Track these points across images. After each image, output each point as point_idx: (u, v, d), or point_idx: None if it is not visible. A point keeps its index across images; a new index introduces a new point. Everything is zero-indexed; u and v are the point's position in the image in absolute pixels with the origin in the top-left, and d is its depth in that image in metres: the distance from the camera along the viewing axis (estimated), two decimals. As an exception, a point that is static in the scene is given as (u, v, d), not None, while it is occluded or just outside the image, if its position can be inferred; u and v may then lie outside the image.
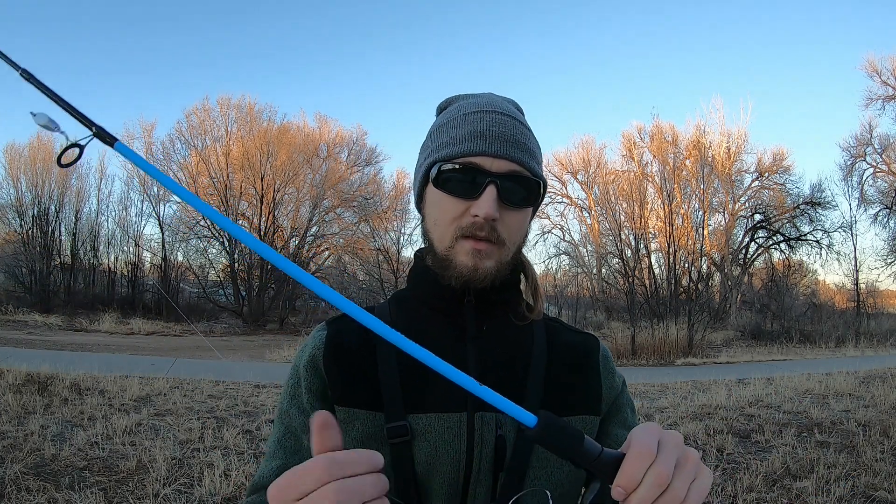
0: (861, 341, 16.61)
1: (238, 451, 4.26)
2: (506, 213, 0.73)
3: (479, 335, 0.77)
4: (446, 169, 0.74)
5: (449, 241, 0.74)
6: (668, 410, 6.06)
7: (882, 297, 23.76)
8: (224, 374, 7.67)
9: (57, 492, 3.29)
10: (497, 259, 0.74)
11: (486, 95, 0.82)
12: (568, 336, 0.85)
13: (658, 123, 23.62)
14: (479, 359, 0.76)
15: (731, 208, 23.80)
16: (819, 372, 8.67)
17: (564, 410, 0.76)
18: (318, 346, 0.78)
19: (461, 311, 0.77)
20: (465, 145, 0.73)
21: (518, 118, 0.78)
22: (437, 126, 0.81)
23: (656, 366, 12.37)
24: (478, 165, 0.72)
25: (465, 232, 0.72)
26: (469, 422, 0.71)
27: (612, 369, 0.85)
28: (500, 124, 0.75)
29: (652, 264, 21.36)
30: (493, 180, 0.71)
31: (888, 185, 21.94)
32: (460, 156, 0.73)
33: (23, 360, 6.90)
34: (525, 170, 0.74)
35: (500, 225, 0.73)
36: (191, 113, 23.57)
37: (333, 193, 23.61)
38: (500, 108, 0.77)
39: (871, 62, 21.27)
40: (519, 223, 0.76)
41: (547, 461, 0.73)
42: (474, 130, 0.74)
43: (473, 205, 0.72)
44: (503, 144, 0.73)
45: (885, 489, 3.64)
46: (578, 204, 26.70)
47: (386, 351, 0.76)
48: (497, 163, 0.72)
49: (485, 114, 0.76)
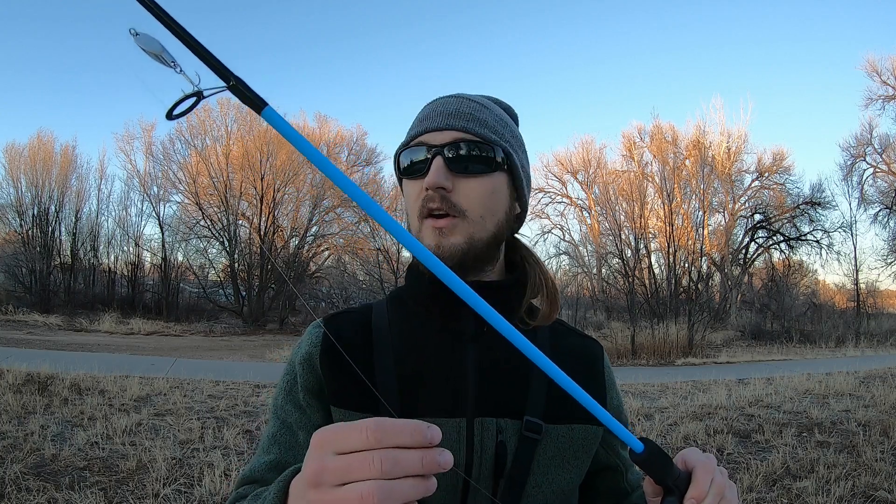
0: (861, 341, 16.62)
1: (238, 451, 4.26)
2: (460, 181, 0.71)
3: (478, 336, 0.74)
4: (401, 153, 0.76)
5: (416, 226, 0.74)
6: (668, 410, 6.06)
7: (882, 297, 23.77)
8: (224, 374, 7.67)
9: (57, 492, 3.29)
10: (465, 233, 0.71)
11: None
12: (573, 340, 0.82)
13: (658, 123, 23.64)
14: (478, 362, 0.73)
15: (731, 208, 23.81)
16: (819, 372, 8.66)
17: (567, 419, 0.74)
18: (314, 344, 0.76)
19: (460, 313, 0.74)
20: (415, 129, 0.75)
21: (474, 99, 0.77)
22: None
23: (656, 366, 12.37)
24: (423, 142, 0.73)
25: (423, 210, 0.72)
26: (469, 427, 0.70)
27: (612, 378, 0.85)
28: (445, 104, 0.76)
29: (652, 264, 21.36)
30: (438, 151, 0.71)
31: (888, 185, 21.94)
32: (411, 139, 0.75)
33: (23, 360, 6.90)
34: (471, 135, 0.72)
35: (456, 196, 0.71)
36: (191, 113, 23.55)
37: (333, 193, 23.60)
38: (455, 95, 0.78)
39: (871, 62, 21.29)
40: (479, 192, 0.72)
41: (548, 468, 0.72)
42: (422, 115, 0.76)
43: (425, 179, 0.72)
44: (446, 118, 0.73)
45: (885, 489, 3.64)
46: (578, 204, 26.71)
47: (383, 352, 0.74)
48: (441, 135, 0.72)
49: (436, 101, 0.78)
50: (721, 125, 23.60)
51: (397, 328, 0.77)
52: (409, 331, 0.76)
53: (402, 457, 0.42)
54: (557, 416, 0.73)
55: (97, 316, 18.83)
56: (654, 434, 5.02)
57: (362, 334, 0.77)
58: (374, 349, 0.74)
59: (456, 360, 0.73)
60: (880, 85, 21.28)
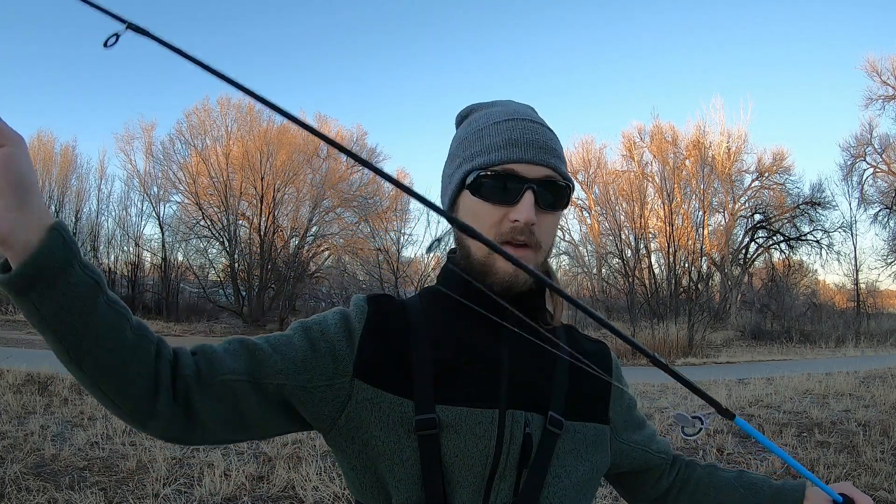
0: (861, 341, 16.62)
1: (238, 451, 4.26)
2: (542, 217, 0.76)
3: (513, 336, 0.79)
4: (484, 176, 0.76)
5: (488, 249, 0.74)
6: (668, 410, 6.06)
7: (882, 297, 23.78)
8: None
9: (57, 492, 3.29)
10: (535, 263, 0.77)
11: (509, 103, 0.85)
12: (586, 345, 0.90)
13: (658, 123, 23.64)
14: (512, 358, 0.78)
15: (731, 208, 23.82)
16: (819, 372, 8.66)
17: (582, 417, 0.81)
18: (359, 318, 0.78)
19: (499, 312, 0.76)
20: (502, 153, 0.76)
21: (545, 125, 0.82)
22: (467, 135, 0.83)
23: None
24: (515, 172, 0.75)
25: (505, 237, 0.75)
26: (501, 418, 0.74)
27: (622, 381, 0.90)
28: (532, 132, 0.78)
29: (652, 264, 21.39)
30: (530, 186, 0.74)
31: (888, 185, 21.95)
32: (498, 163, 0.75)
33: (23, 360, 6.90)
34: (558, 175, 0.77)
35: (537, 229, 0.75)
36: (191, 113, 23.51)
37: (333, 193, 23.62)
38: (529, 115, 0.81)
39: (871, 62, 21.29)
40: (552, 227, 0.80)
41: (566, 461, 0.77)
42: (509, 139, 0.77)
43: (512, 210, 0.74)
44: (538, 151, 0.76)
45: (885, 489, 3.65)
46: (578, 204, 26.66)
47: (420, 339, 0.77)
48: (534, 169, 0.75)
49: (516, 122, 0.79)
50: (721, 125, 23.63)
51: (434, 320, 0.81)
52: (446, 323, 0.80)
53: None
54: (575, 413, 0.80)
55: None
56: (654, 434, 5.01)
57: (401, 318, 0.80)
58: (411, 336, 0.78)
59: (491, 354, 0.78)
60: (880, 85, 21.31)
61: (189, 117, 23.47)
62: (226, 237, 22.75)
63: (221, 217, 22.71)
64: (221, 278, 23.98)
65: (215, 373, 0.70)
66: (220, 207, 22.63)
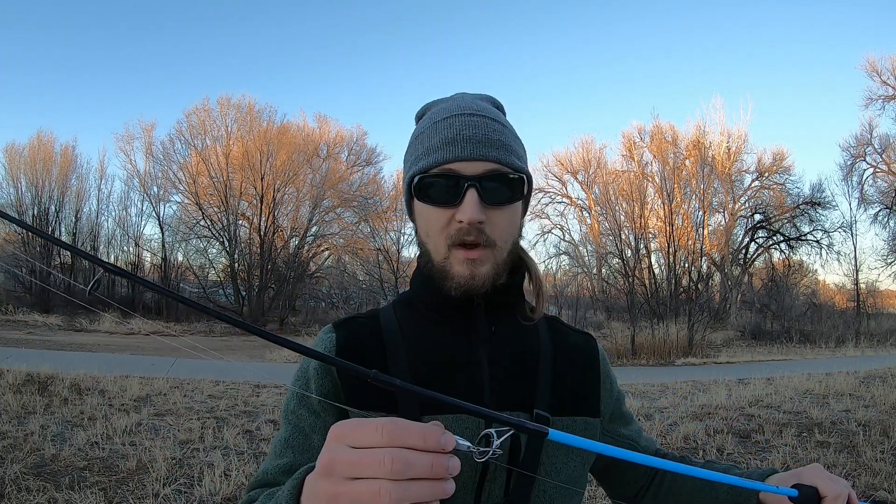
0: (861, 341, 16.62)
1: (238, 451, 4.26)
2: (491, 213, 0.73)
3: (489, 337, 0.78)
4: (425, 180, 0.74)
5: (444, 252, 0.75)
6: (668, 410, 6.06)
7: (882, 297, 23.75)
8: (224, 375, 7.67)
9: (57, 492, 3.29)
10: (493, 262, 0.74)
11: (457, 97, 0.83)
12: (571, 337, 0.87)
13: (658, 123, 23.62)
14: (491, 360, 0.77)
15: (731, 208, 23.81)
16: (819, 372, 8.66)
17: (569, 411, 0.79)
18: (328, 349, 0.78)
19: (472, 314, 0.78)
20: (440, 154, 0.74)
21: (490, 115, 0.78)
22: (413, 138, 0.82)
23: (656, 366, 12.37)
24: (455, 171, 0.73)
25: (456, 240, 0.73)
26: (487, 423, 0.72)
27: (608, 370, 0.89)
28: (470, 126, 0.75)
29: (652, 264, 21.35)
30: (472, 183, 0.72)
31: (888, 185, 21.93)
32: (436, 165, 0.74)
33: (23, 360, 6.90)
34: (503, 167, 0.74)
35: (488, 226, 0.73)
36: (191, 113, 23.51)
37: (333, 193, 23.59)
38: (470, 108, 0.77)
39: (871, 62, 21.28)
40: (507, 222, 0.76)
41: (556, 457, 0.76)
42: (445, 137, 0.75)
43: (457, 211, 0.72)
44: (476, 146, 0.73)
45: (885, 489, 3.65)
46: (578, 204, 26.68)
47: (396, 353, 0.77)
48: (473, 165, 0.73)
49: (455, 118, 0.76)
50: (721, 125, 23.63)
51: (408, 331, 0.80)
52: (422, 333, 0.79)
53: (413, 458, 0.44)
54: (561, 408, 0.78)
55: (97, 316, 18.82)
56: (654, 434, 5.01)
57: (374, 338, 0.79)
58: (387, 351, 0.77)
59: (470, 359, 0.77)
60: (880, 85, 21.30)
61: (189, 117, 23.47)
62: (226, 237, 22.74)
63: (221, 217, 22.69)
64: (221, 278, 23.97)
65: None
66: (220, 207, 22.62)
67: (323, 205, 23.82)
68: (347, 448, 0.45)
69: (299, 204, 23.73)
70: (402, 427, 0.45)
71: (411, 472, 0.43)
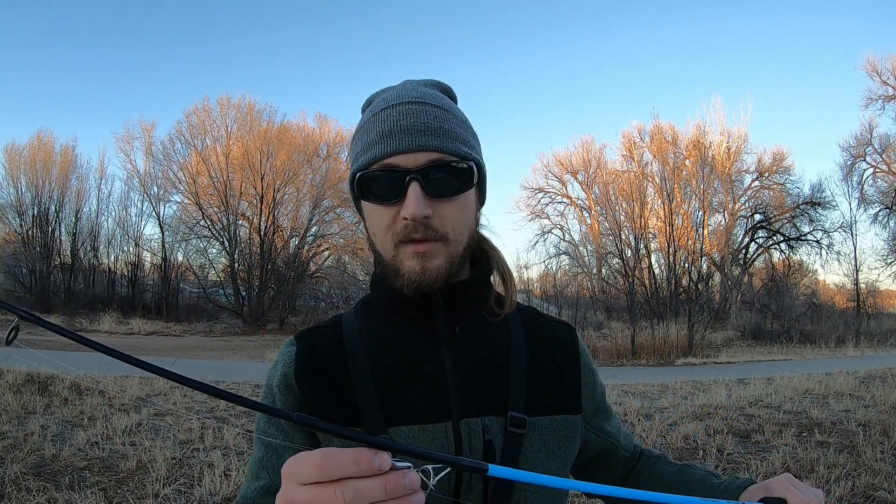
0: (861, 341, 16.60)
1: (238, 451, 4.25)
2: (439, 205, 0.68)
3: (452, 339, 0.74)
4: (365, 177, 0.70)
5: (391, 250, 0.70)
6: (668, 410, 6.06)
7: (882, 297, 23.74)
8: (224, 375, 7.66)
9: (57, 492, 3.29)
10: (446, 255, 0.70)
11: (399, 86, 0.77)
12: (546, 329, 0.82)
13: (658, 123, 23.64)
14: (456, 363, 0.73)
15: (731, 208, 23.81)
16: (819, 372, 8.66)
17: (548, 410, 0.75)
18: (288, 364, 0.75)
19: (430, 316, 0.74)
20: (377, 149, 0.69)
21: (431, 101, 0.72)
22: (354, 132, 0.77)
23: (656, 366, 12.37)
24: (394, 166, 0.68)
25: (402, 237, 0.69)
26: (455, 430, 0.69)
27: (589, 362, 0.84)
28: (407, 115, 0.69)
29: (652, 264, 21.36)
30: (413, 177, 0.67)
31: (888, 185, 21.94)
32: (375, 160, 0.69)
33: (23, 360, 6.90)
34: (447, 155, 0.69)
35: (436, 220, 0.68)
36: (191, 113, 23.54)
37: (333, 193, 23.59)
38: (409, 96, 0.72)
39: (871, 62, 21.28)
40: (457, 212, 0.70)
41: (535, 460, 0.73)
42: (383, 130, 0.69)
43: (401, 207, 0.67)
44: (416, 136, 0.68)
45: (885, 489, 3.65)
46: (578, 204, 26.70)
47: (358, 363, 0.73)
48: (413, 157, 0.67)
49: (391, 108, 0.71)
50: (721, 125, 23.63)
51: (370, 337, 0.76)
52: (383, 339, 0.76)
53: (362, 486, 0.43)
54: (541, 408, 0.74)
55: (97, 316, 18.83)
56: (655, 434, 5.01)
57: (336, 348, 0.75)
58: (349, 362, 0.73)
59: (434, 363, 0.73)
60: (880, 85, 21.30)
61: (189, 117, 23.49)
62: (226, 237, 22.75)
63: (221, 217, 22.71)
64: (221, 278, 23.97)
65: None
66: (220, 207, 22.63)
67: (323, 205, 23.84)
68: (300, 487, 0.45)
69: (299, 204, 23.77)
70: (332, 459, 0.44)
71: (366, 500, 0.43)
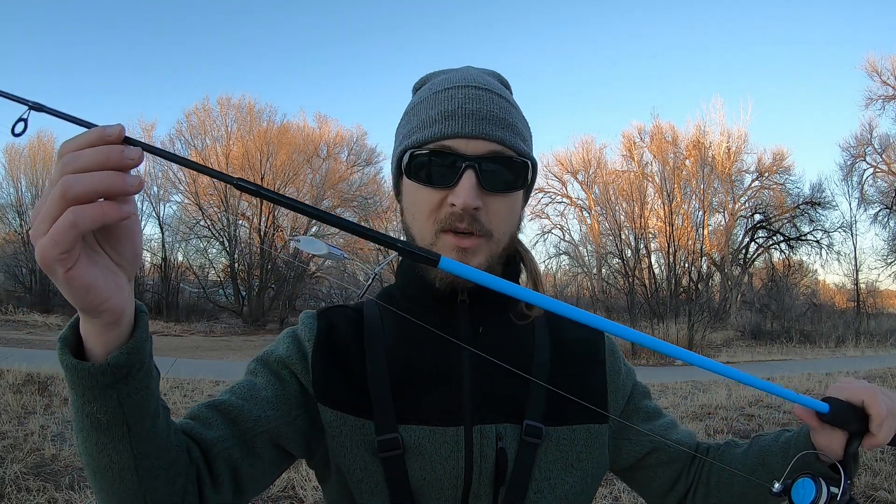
0: (861, 341, 16.60)
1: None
2: (489, 199, 0.65)
3: (473, 339, 0.70)
4: (418, 156, 0.66)
5: (430, 237, 0.66)
6: (669, 410, 6.04)
7: (882, 297, 23.73)
8: (224, 374, 7.67)
9: (57, 492, 3.29)
10: (487, 253, 0.67)
11: (461, 70, 0.74)
12: (571, 333, 0.78)
13: (658, 123, 23.62)
14: (474, 366, 0.69)
15: (731, 208, 23.80)
16: (819, 372, 8.66)
17: (568, 420, 0.71)
18: (308, 337, 0.72)
19: (453, 312, 0.71)
20: (437, 127, 0.65)
21: (497, 91, 0.70)
22: (409, 108, 0.74)
23: (656, 366, 12.36)
24: (452, 149, 0.64)
25: (445, 225, 0.65)
26: (467, 436, 0.67)
27: (619, 366, 0.79)
28: (474, 100, 0.66)
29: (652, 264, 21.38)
30: (470, 164, 0.63)
31: (888, 185, 21.93)
32: (431, 140, 0.65)
33: (23, 360, 6.89)
34: (507, 149, 0.66)
35: (484, 214, 0.65)
36: (191, 113, 23.54)
37: (333, 193, 23.62)
38: (476, 81, 0.69)
39: (871, 62, 21.27)
40: (506, 210, 0.67)
41: (550, 473, 0.69)
42: (445, 110, 0.66)
43: (451, 193, 0.64)
44: (479, 122, 0.65)
45: (885, 489, 3.64)
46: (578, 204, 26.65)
47: (375, 354, 0.70)
48: (473, 144, 0.64)
49: (457, 89, 0.67)
50: (721, 125, 23.61)
51: (389, 328, 0.73)
52: (403, 333, 0.72)
53: (76, 161, 0.41)
54: (558, 417, 0.70)
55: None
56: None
57: (355, 334, 0.73)
58: (367, 350, 0.71)
59: (451, 364, 0.70)
60: (880, 85, 21.28)
61: (189, 117, 23.49)
62: (226, 237, 22.76)
63: (221, 217, 22.71)
64: (221, 278, 23.98)
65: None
66: (220, 207, 22.64)
67: (323, 205, 23.81)
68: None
69: (299, 204, 23.75)
70: (66, 144, 0.43)
71: (83, 168, 0.41)
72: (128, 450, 0.51)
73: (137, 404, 0.50)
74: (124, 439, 0.51)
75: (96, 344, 0.48)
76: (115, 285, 0.46)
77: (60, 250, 0.41)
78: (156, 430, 0.53)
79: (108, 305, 0.46)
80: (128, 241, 0.47)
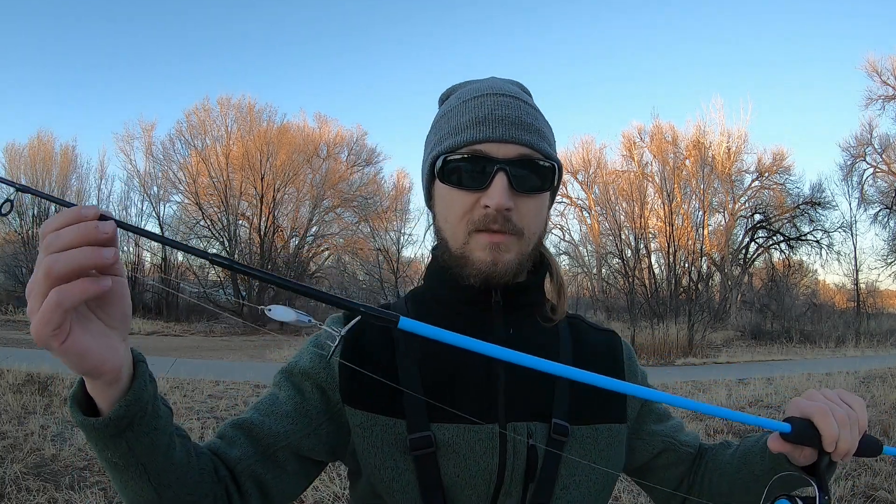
0: (861, 341, 16.60)
1: (238, 451, 4.26)
2: (520, 200, 0.68)
3: (506, 339, 0.73)
4: (451, 160, 0.69)
5: (463, 238, 0.70)
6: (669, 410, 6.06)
7: (882, 297, 23.73)
8: (224, 375, 7.66)
9: (57, 492, 3.29)
10: (518, 251, 0.70)
11: (487, 79, 0.78)
12: (592, 336, 0.82)
13: (658, 123, 23.62)
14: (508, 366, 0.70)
15: (731, 208, 23.81)
16: (819, 372, 8.66)
17: (591, 419, 0.74)
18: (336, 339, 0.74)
19: (488, 313, 0.74)
20: (468, 133, 0.69)
21: (523, 98, 0.74)
22: (438, 117, 0.77)
23: (656, 366, 12.36)
24: (484, 153, 0.68)
25: (479, 225, 0.68)
26: (502, 433, 0.69)
27: (636, 369, 0.84)
28: (503, 107, 0.70)
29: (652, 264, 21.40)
30: (502, 167, 0.67)
31: (888, 185, 21.93)
32: (464, 145, 0.69)
33: (23, 360, 6.89)
34: (536, 152, 0.69)
35: (515, 214, 0.68)
36: (191, 113, 23.54)
37: (333, 193, 23.61)
38: (503, 90, 0.73)
39: (871, 62, 21.27)
40: (535, 211, 0.71)
41: (574, 470, 0.72)
42: (476, 116, 0.70)
43: (484, 195, 0.67)
44: (509, 128, 0.69)
45: (885, 489, 3.64)
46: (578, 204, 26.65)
47: (406, 354, 0.72)
48: (504, 148, 0.68)
49: (486, 97, 0.71)
50: (721, 125, 23.62)
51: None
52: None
53: (57, 241, 0.45)
54: (582, 417, 0.73)
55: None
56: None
57: (383, 335, 0.74)
58: (397, 351, 0.72)
59: (485, 364, 0.71)
60: (880, 85, 21.28)
61: (189, 117, 23.48)
62: (226, 237, 22.76)
63: (221, 217, 22.72)
64: (221, 278, 23.97)
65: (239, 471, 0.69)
66: (220, 207, 22.64)
67: (323, 205, 23.84)
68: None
69: (299, 204, 23.77)
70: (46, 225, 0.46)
71: (63, 254, 0.45)
72: (147, 485, 0.57)
73: (147, 446, 0.55)
74: (142, 477, 0.56)
75: (101, 399, 0.53)
76: (108, 347, 0.50)
77: (52, 328, 0.45)
78: (172, 462, 0.58)
79: (105, 368, 0.50)
80: (116, 304, 0.51)
